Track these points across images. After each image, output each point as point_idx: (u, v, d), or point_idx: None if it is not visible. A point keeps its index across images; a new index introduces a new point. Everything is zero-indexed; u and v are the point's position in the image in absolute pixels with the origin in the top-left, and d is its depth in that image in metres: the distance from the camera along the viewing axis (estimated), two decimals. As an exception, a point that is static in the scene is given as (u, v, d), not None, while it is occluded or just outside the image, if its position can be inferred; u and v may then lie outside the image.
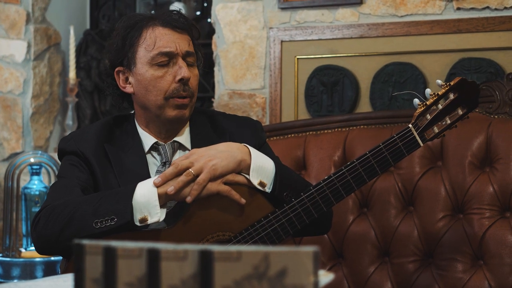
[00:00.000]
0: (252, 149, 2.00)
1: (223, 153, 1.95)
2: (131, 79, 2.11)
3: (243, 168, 1.96)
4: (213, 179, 1.92)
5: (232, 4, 3.15)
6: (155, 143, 2.12)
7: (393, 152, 1.99)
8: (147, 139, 2.13)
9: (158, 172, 2.08)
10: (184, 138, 2.15)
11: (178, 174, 1.92)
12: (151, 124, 2.13)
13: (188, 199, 1.90)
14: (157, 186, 1.90)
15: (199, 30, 2.19)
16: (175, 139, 2.14)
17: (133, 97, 2.14)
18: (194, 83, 2.10)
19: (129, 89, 2.12)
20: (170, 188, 1.89)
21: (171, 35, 2.09)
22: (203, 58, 2.23)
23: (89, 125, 2.22)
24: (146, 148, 2.12)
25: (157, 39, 2.07)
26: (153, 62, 2.06)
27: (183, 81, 2.06)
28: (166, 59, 2.07)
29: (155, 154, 2.13)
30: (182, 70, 2.06)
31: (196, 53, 2.15)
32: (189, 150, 2.12)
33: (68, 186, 2.02)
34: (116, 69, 2.13)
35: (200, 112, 2.21)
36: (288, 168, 2.10)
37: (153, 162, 2.12)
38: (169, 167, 2.05)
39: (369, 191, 2.57)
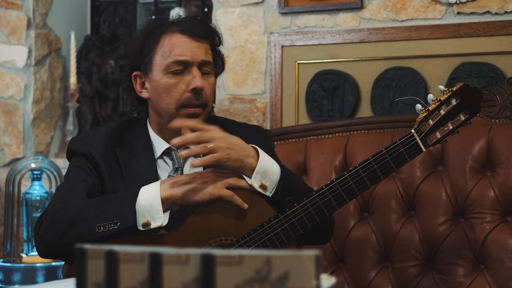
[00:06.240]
0: (261, 152, 1.99)
1: (239, 148, 1.94)
2: (147, 84, 2.11)
3: (247, 169, 1.95)
4: (218, 165, 1.91)
5: (233, 9, 3.15)
6: (168, 148, 2.12)
7: (396, 158, 1.99)
8: (160, 144, 2.12)
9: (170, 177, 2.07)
10: None
11: (198, 143, 1.90)
12: (165, 129, 2.12)
13: (194, 162, 1.91)
14: (176, 146, 1.91)
15: (219, 37, 2.17)
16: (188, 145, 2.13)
17: (148, 102, 2.14)
18: (209, 92, 2.09)
19: (144, 94, 2.12)
20: (183, 152, 1.89)
21: (188, 43, 2.07)
22: (223, 63, 2.21)
23: (102, 126, 2.22)
24: (158, 153, 2.12)
25: (174, 47, 2.06)
26: (167, 70, 2.06)
27: (196, 91, 2.05)
28: (181, 68, 2.06)
29: (167, 159, 2.12)
30: (195, 80, 2.05)
31: (215, 60, 2.14)
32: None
33: (74, 189, 2.01)
34: (134, 73, 2.13)
35: (211, 119, 2.20)
36: (293, 173, 2.10)
37: (165, 167, 2.11)
38: (181, 173, 2.05)
39: (370, 196, 2.57)
